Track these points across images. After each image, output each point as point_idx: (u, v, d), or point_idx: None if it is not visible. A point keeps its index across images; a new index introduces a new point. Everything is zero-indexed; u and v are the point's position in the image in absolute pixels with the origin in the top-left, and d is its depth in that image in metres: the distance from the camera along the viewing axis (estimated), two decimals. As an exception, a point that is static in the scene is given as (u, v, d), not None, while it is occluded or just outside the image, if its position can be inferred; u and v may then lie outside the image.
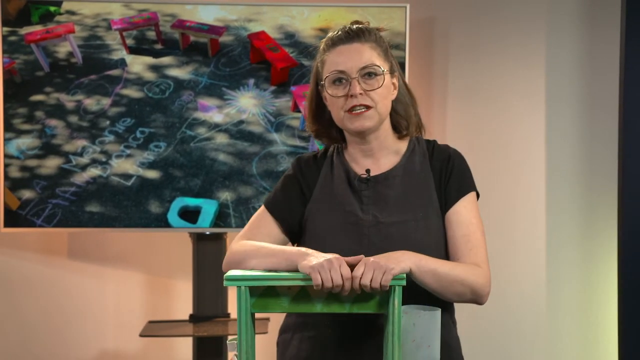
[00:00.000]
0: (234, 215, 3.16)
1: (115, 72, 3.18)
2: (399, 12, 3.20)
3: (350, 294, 1.51)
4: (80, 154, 3.15)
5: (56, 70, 3.16)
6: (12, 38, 3.15)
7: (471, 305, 1.74)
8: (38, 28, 3.16)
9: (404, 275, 1.50)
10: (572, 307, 3.54)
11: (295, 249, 1.61)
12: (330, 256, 1.51)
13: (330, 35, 1.75)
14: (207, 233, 3.21)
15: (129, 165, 3.16)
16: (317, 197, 1.79)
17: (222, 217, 3.17)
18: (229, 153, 3.18)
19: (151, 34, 3.19)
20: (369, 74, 1.69)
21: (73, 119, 3.15)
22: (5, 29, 3.14)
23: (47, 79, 3.16)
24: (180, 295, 3.53)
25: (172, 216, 3.15)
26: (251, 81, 3.20)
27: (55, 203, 3.13)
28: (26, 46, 3.14)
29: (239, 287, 1.49)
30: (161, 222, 3.15)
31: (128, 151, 3.16)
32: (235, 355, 1.55)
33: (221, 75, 3.19)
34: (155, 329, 3.16)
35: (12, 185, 3.12)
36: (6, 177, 3.12)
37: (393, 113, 1.78)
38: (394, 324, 1.46)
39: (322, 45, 1.76)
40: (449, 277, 1.61)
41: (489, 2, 3.55)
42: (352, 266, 1.50)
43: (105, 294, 3.56)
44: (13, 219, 3.13)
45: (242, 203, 3.16)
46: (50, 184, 3.13)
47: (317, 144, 2.08)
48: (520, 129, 3.54)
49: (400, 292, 1.47)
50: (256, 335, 1.58)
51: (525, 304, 3.55)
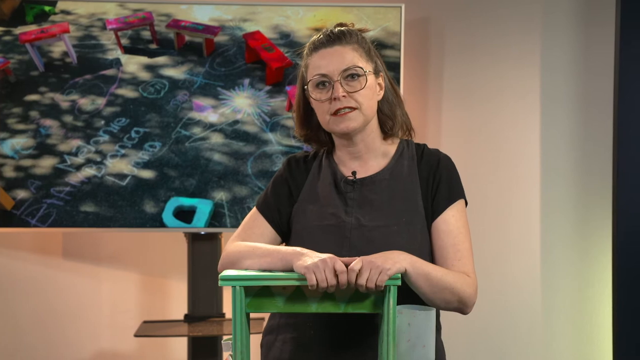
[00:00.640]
0: (229, 215, 3.16)
1: (110, 71, 3.17)
2: (394, 12, 3.20)
3: (344, 292, 1.51)
4: (75, 154, 3.14)
5: (51, 70, 3.15)
6: (7, 38, 3.14)
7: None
8: (33, 28, 3.15)
9: (399, 275, 1.50)
10: (567, 307, 3.54)
11: (291, 249, 1.60)
12: (325, 256, 1.50)
13: (313, 39, 1.75)
14: (202, 233, 3.21)
15: (123, 165, 3.15)
16: (304, 197, 1.79)
17: (217, 217, 3.16)
18: (224, 153, 3.17)
19: (146, 34, 3.19)
20: (351, 75, 1.68)
21: (68, 118, 3.15)
22: (0, 28, 3.14)
23: (42, 78, 3.15)
24: (175, 295, 3.53)
25: (167, 216, 3.15)
26: (246, 81, 3.20)
27: (49, 203, 3.12)
28: (21, 46, 3.14)
29: (233, 287, 1.49)
30: (156, 222, 3.15)
31: (123, 151, 3.16)
32: (230, 355, 1.55)
33: (216, 75, 3.19)
34: (150, 329, 3.16)
35: (7, 185, 3.11)
36: (0, 176, 3.11)
37: (379, 113, 1.77)
38: (389, 324, 1.46)
39: (305, 49, 1.76)
40: (440, 283, 1.60)
41: (484, 2, 3.55)
42: (347, 266, 1.49)
43: (100, 294, 3.56)
44: (7, 218, 3.12)
45: (237, 203, 3.16)
46: (45, 183, 3.12)
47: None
48: (515, 128, 3.54)
49: (395, 291, 1.48)
50: (251, 335, 1.57)
51: (520, 304, 3.55)
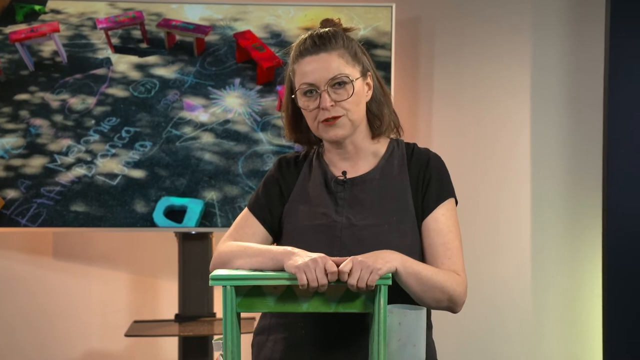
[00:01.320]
0: (219, 214, 3.16)
1: (100, 71, 3.16)
2: (385, 12, 3.20)
3: (335, 292, 1.51)
4: (65, 154, 3.13)
5: (41, 69, 3.14)
6: (-4, 37, 3.13)
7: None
8: (23, 27, 3.14)
9: (390, 275, 1.50)
10: (557, 306, 3.55)
11: (281, 249, 1.60)
12: (315, 255, 1.50)
13: (299, 42, 1.72)
14: (193, 233, 3.20)
15: (114, 165, 3.15)
16: (294, 197, 1.79)
17: (207, 217, 3.16)
18: (214, 152, 3.17)
19: (137, 33, 3.18)
20: (338, 84, 1.67)
21: (58, 118, 3.14)
22: (-11, 27, 3.13)
23: (32, 78, 3.14)
24: (166, 294, 3.52)
25: (158, 216, 3.14)
26: (237, 80, 3.20)
27: (40, 202, 3.11)
28: (10, 45, 3.13)
29: (224, 287, 1.49)
30: (147, 221, 3.14)
31: (113, 150, 3.15)
32: (221, 354, 1.55)
33: (207, 75, 3.19)
34: (141, 328, 3.15)
35: (-3, 184, 3.11)
36: (-10, 176, 3.11)
37: (368, 112, 1.76)
38: (380, 323, 1.46)
39: (292, 52, 1.73)
40: (430, 282, 1.60)
41: (474, 2, 3.55)
42: (338, 266, 1.49)
43: (90, 294, 3.55)
44: (-3, 218, 3.11)
45: (227, 202, 3.16)
46: (35, 183, 3.11)
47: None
48: (506, 127, 3.55)
49: (385, 291, 1.47)
50: (242, 335, 1.57)
51: (511, 303, 3.56)
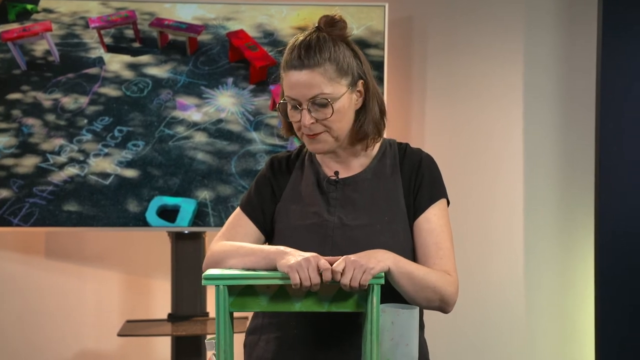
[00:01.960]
0: (212, 214, 3.15)
1: (93, 70, 3.16)
2: (378, 11, 3.20)
3: (328, 291, 1.51)
4: (58, 153, 3.12)
5: (33, 68, 3.13)
6: (-12, 36, 3.12)
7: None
8: (15, 26, 3.13)
9: (383, 274, 1.50)
10: (550, 305, 3.55)
11: (274, 248, 1.60)
12: (308, 255, 1.50)
13: (289, 47, 1.68)
14: (186, 232, 3.20)
15: (107, 164, 3.14)
16: (286, 197, 1.79)
17: (200, 216, 3.16)
18: (207, 152, 3.17)
19: (129, 33, 3.17)
20: (319, 104, 1.64)
21: (50, 117, 3.13)
22: (-19, 26, 3.12)
23: (24, 77, 3.13)
24: (159, 294, 3.52)
25: (151, 215, 3.14)
26: (230, 80, 3.19)
27: (32, 202, 3.10)
28: (2, 44, 3.12)
29: (217, 286, 1.48)
30: (139, 221, 3.14)
31: (106, 150, 3.14)
32: (214, 354, 1.54)
33: (200, 74, 3.18)
34: (134, 328, 3.14)
35: (-11, 184, 3.10)
36: (-18, 176, 3.09)
37: (356, 121, 1.72)
38: (373, 323, 1.46)
39: (283, 57, 1.69)
40: (422, 281, 1.60)
41: (467, 1, 3.56)
42: (331, 265, 1.49)
43: (83, 294, 3.54)
44: (-11, 218, 3.10)
45: (221, 202, 3.15)
46: (27, 183, 3.10)
47: (296, 141, 2.07)
48: (499, 126, 3.55)
49: (378, 290, 1.47)
50: (235, 335, 1.56)
51: (503, 302, 3.56)
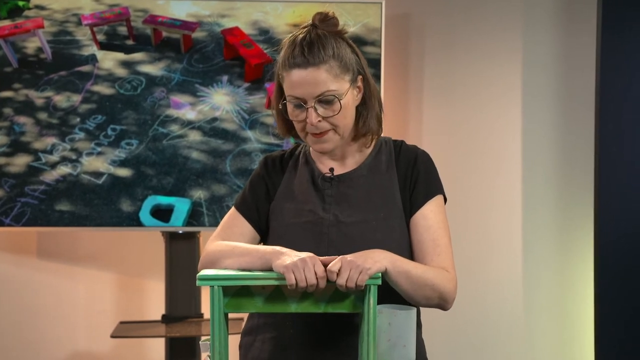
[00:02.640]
0: (207, 213, 3.13)
1: (85, 68, 3.14)
2: (374, 8, 3.18)
3: (324, 292, 1.49)
4: (50, 152, 3.10)
5: (25, 66, 3.11)
6: (-20, 33, 3.10)
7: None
8: (6, 23, 3.11)
9: (380, 275, 1.49)
10: (549, 304, 3.55)
11: (270, 248, 1.58)
12: (304, 255, 1.49)
13: (288, 46, 1.65)
14: (180, 232, 3.18)
15: (99, 163, 3.12)
16: (280, 195, 1.78)
17: (195, 216, 3.14)
18: (202, 151, 3.15)
19: (122, 30, 3.15)
20: (325, 101, 1.64)
21: (42, 116, 3.11)
22: (-28, 23, 3.10)
23: (16, 75, 3.11)
24: (153, 295, 3.50)
25: (144, 215, 3.12)
26: (225, 78, 3.17)
27: (24, 202, 3.08)
28: (-6, 41, 3.10)
29: (212, 287, 1.48)
30: (133, 221, 3.12)
31: (99, 149, 3.12)
32: (209, 355, 1.55)
33: (194, 72, 3.16)
34: (127, 329, 3.14)
35: (-20, 183, 3.07)
36: (-27, 175, 3.07)
37: (358, 117, 1.72)
38: (369, 324, 1.46)
39: (281, 53, 1.67)
40: (420, 280, 1.59)
41: (464, -1, 3.56)
42: (327, 266, 1.48)
43: (75, 294, 3.52)
44: (-20, 218, 3.08)
45: (215, 201, 3.13)
46: (19, 182, 3.09)
47: (292, 140, 2.05)
48: (497, 125, 3.55)
49: (375, 291, 1.47)
50: (230, 336, 1.56)
51: (502, 301, 3.56)
